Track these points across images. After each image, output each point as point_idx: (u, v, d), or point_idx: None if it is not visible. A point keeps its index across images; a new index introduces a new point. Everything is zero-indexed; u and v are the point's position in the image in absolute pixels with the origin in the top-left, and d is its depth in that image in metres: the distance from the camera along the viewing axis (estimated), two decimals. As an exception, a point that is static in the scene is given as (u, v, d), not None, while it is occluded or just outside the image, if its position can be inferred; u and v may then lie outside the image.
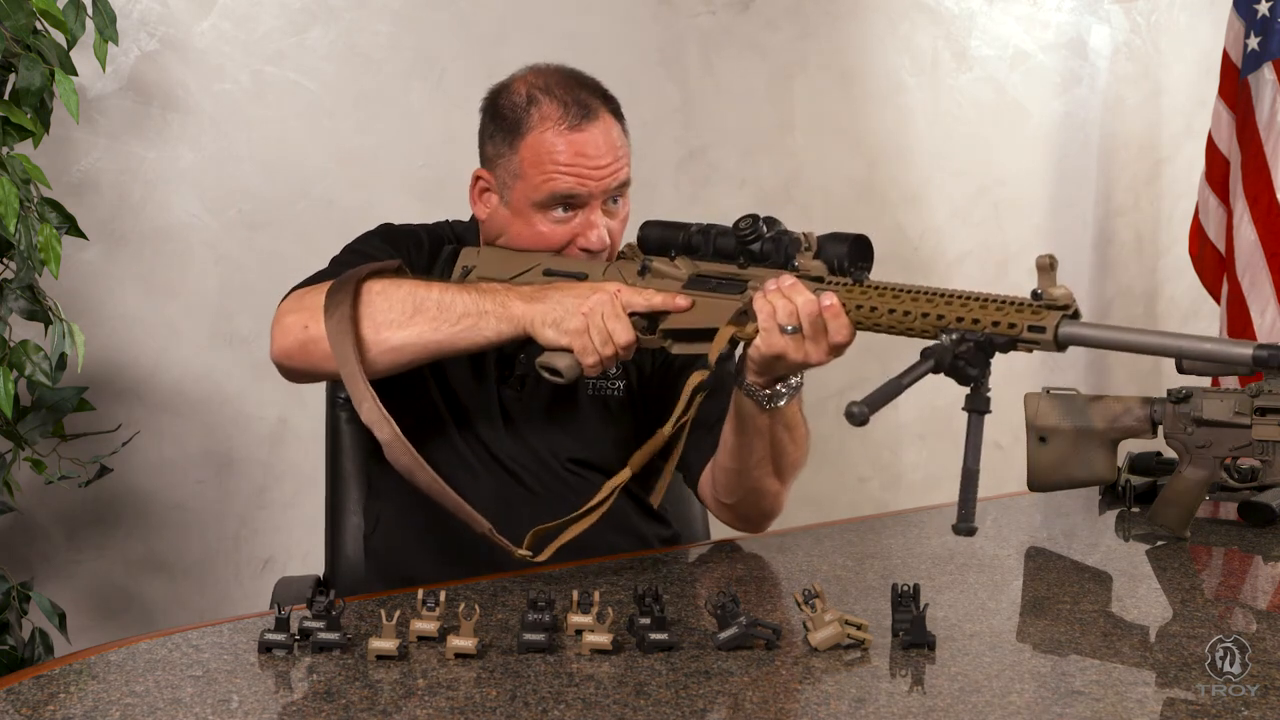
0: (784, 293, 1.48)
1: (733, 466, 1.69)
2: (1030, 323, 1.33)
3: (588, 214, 1.71)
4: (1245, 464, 1.95)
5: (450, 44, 2.78)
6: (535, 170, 1.70)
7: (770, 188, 3.29)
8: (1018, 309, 1.34)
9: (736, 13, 3.20)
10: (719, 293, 1.57)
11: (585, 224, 1.71)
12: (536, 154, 1.70)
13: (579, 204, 1.71)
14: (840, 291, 1.47)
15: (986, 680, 1.22)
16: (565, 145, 1.69)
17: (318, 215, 2.66)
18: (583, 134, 1.70)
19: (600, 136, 1.71)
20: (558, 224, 1.71)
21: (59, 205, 2.11)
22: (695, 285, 1.60)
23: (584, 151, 1.69)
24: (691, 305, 1.59)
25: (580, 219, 1.71)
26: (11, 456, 2.14)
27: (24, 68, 1.99)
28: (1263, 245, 3.47)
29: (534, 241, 1.73)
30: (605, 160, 1.70)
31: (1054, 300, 1.33)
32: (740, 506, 1.75)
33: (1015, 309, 1.34)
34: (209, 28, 2.54)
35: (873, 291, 1.45)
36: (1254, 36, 3.51)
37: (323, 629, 1.27)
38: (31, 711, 1.12)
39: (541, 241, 1.72)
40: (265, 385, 2.61)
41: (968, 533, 1.31)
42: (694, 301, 1.59)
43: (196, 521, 2.58)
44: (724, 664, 1.25)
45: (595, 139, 1.70)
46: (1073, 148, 3.87)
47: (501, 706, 1.14)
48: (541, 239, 1.72)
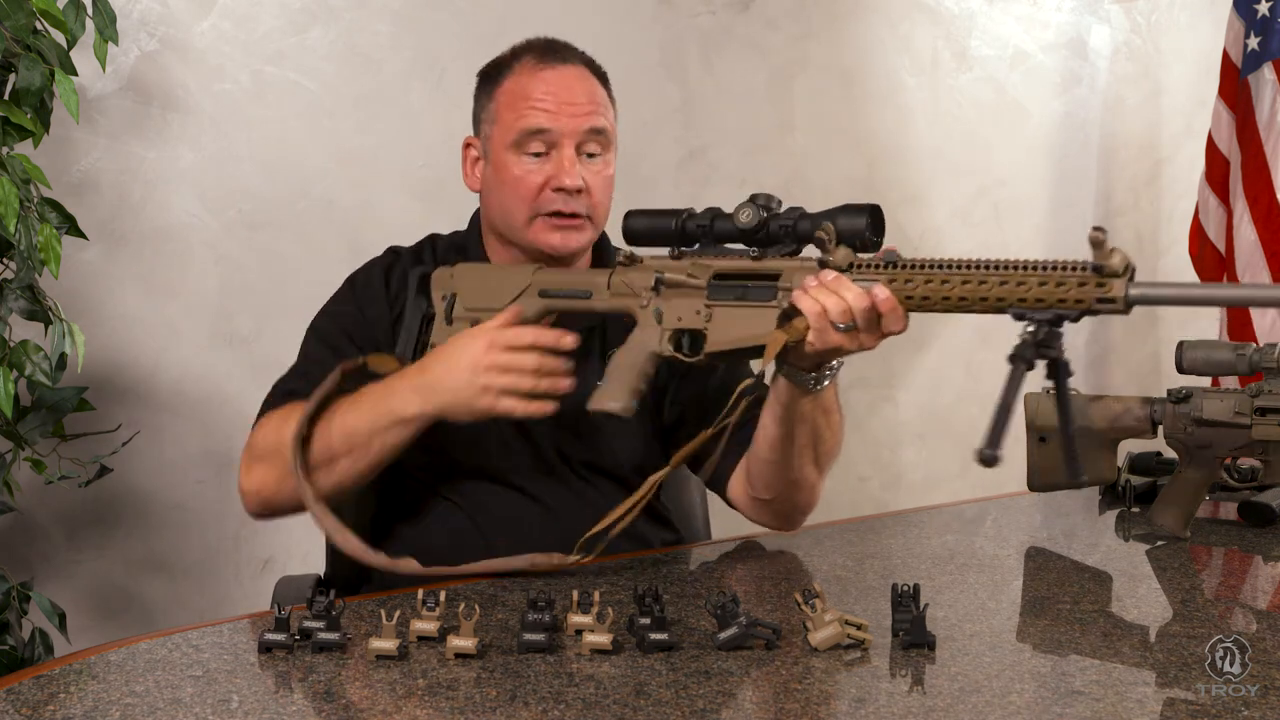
0: (831, 289, 1.44)
1: (773, 459, 1.66)
2: (1098, 295, 1.33)
3: (561, 155, 1.71)
4: (1245, 464, 1.95)
5: (450, 44, 2.78)
6: (509, 111, 1.73)
7: (770, 188, 3.24)
8: (1081, 283, 1.34)
9: (736, 13, 3.20)
10: (752, 300, 1.52)
11: (558, 164, 1.71)
12: (511, 96, 1.74)
13: (552, 141, 1.71)
14: (886, 281, 1.43)
15: (986, 680, 1.22)
16: (537, 82, 1.73)
17: (318, 215, 2.67)
18: (554, 71, 1.74)
19: (573, 78, 1.74)
20: (532, 166, 1.72)
21: (59, 205, 2.11)
22: (722, 293, 1.54)
23: (554, 87, 1.72)
24: (578, 343, 1.58)
25: (554, 160, 1.72)
26: (11, 456, 2.14)
27: (24, 68, 1.99)
28: (1263, 245, 3.47)
29: (513, 187, 1.73)
30: (578, 99, 1.73)
31: (1115, 269, 1.33)
32: (778, 501, 1.72)
33: (1079, 284, 1.34)
34: (209, 28, 2.54)
35: (919, 279, 1.42)
36: (1254, 36, 3.51)
37: (323, 629, 1.27)
38: (31, 711, 1.12)
39: (519, 187, 1.72)
40: (265, 385, 2.60)
41: (991, 460, 1.29)
42: (579, 339, 1.58)
43: (196, 521, 2.58)
44: (724, 664, 1.25)
45: (566, 77, 1.74)
46: (1073, 148, 3.87)
47: (501, 706, 1.14)
48: (518, 184, 1.72)
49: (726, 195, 3.18)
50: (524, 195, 1.73)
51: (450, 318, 1.66)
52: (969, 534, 1.88)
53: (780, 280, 1.50)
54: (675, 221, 1.57)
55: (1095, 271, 1.33)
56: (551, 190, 1.72)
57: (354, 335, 1.76)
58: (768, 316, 1.50)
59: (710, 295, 1.54)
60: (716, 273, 1.54)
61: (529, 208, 1.73)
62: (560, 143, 1.71)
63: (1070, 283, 1.34)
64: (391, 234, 2.72)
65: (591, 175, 1.73)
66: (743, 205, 1.53)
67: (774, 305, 1.50)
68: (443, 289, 1.67)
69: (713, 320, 1.54)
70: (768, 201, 1.53)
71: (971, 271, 1.40)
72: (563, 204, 1.72)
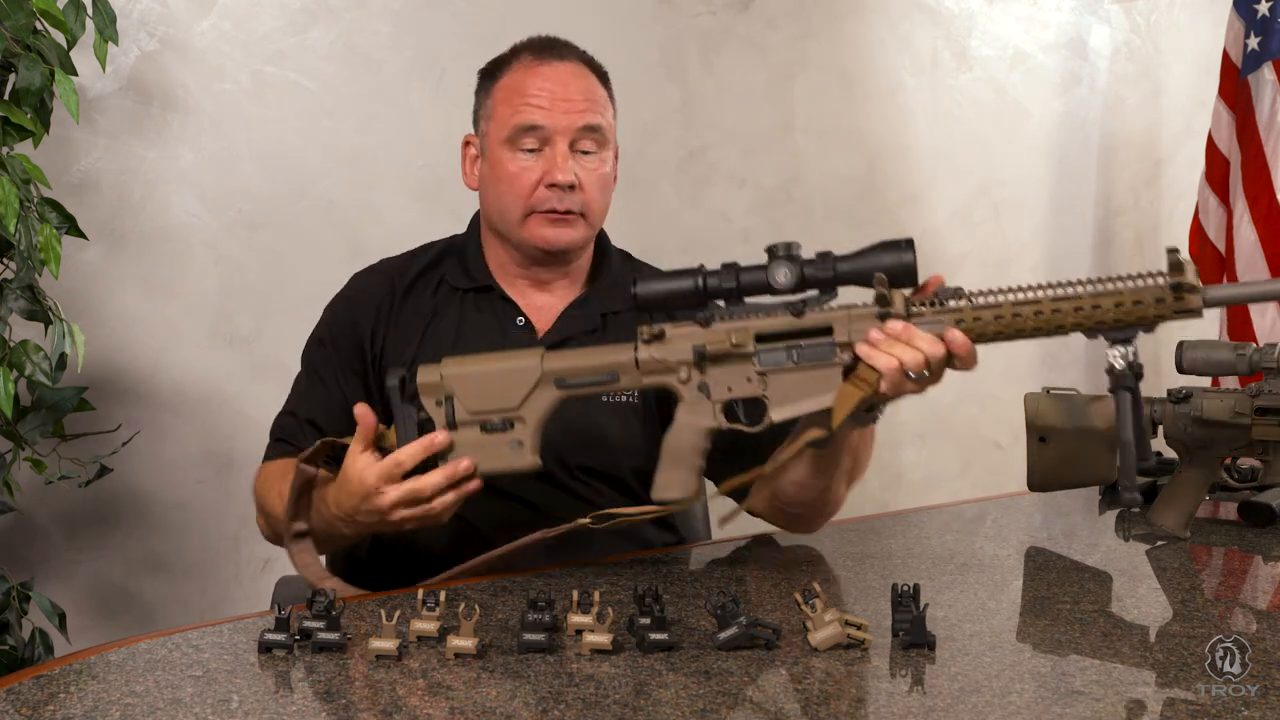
0: (903, 341, 1.41)
1: (813, 484, 1.66)
2: (1176, 309, 1.37)
3: (554, 151, 1.72)
4: (1245, 464, 1.95)
5: (450, 44, 2.78)
6: (505, 107, 1.74)
7: (770, 188, 3.29)
8: (1158, 298, 1.36)
9: (736, 13, 3.20)
10: (809, 361, 1.45)
11: (551, 160, 1.72)
12: (507, 92, 1.75)
13: (545, 138, 1.72)
14: (954, 322, 1.41)
15: (986, 680, 1.21)
16: (533, 78, 1.74)
17: (318, 215, 2.67)
18: (549, 67, 1.75)
19: (569, 75, 1.74)
20: (526, 163, 1.72)
21: (59, 205, 2.11)
22: (773, 357, 1.45)
23: (549, 84, 1.73)
24: (450, 443, 1.49)
25: (547, 156, 1.72)
26: (11, 456, 2.14)
27: (24, 68, 2.00)
28: (1263, 245, 3.46)
29: (508, 184, 1.73)
30: (573, 96, 1.73)
31: (1192, 283, 1.36)
32: (806, 513, 1.73)
33: (1156, 300, 1.37)
34: (209, 28, 2.54)
35: (988, 315, 1.41)
36: (1254, 36, 3.51)
37: (323, 629, 1.27)
38: (31, 711, 1.12)
39: (513, 184, 1.73)
40: (265, 385, 2.61)
41: (1132, 502, 1.33)
42: (453, 440, 1.49)
43: (196, 521, 2.58)
44: (724, 664, 1.25)
45: (562, 74, 1.74)
46: (1073, 148, 3.87)
47: (501, 706, 1.14)
48: (513, 180, 1.73)
49: (726, 195, 3.21)
50: (518, 191, 1.73)
51: (454, 424, 1.51)
52: (969, 534, 1.88)
53: (834, 335, 1.45)
54: (694, 282, 1.46)
55: (1173, 289, 1.36)
56: (545, 186, 1.72)
57: (336, 369, 1.79)
58: (829, 376, 1.44)
59: (760, 360, 1.46)
60: (759, 334, 1.46)
61: (523, 204, 1.73)
62: (554, 139, 1.72)
63: (1148, 300, 1.37)
64: (391, 234, 2.73)
65: (585, 172, 1.73)
66: (775, 263, 1.44)
67: (835, 364, 1.45)
68: (435, 394, 1.51)
69: (769, 386, 1.46)
70: (789, 250, 1.44)
71: (1044, 302, 1.40)
72: (556, 201, 1.72)
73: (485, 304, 1.80)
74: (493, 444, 1.50)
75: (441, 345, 1.76)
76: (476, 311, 1.80)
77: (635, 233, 2.13)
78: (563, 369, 1.51)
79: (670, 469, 1.50)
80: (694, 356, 1.47)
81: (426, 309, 1.80)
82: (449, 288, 1.82)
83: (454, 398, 1.51)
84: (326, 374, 1.79)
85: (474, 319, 1.79)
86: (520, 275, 1.81)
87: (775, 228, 3.28)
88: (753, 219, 3.25)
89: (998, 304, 1.41)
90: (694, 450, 1.49)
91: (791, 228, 3.30)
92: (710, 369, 1.47)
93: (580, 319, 1.80)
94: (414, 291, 1.81)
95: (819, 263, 1.44)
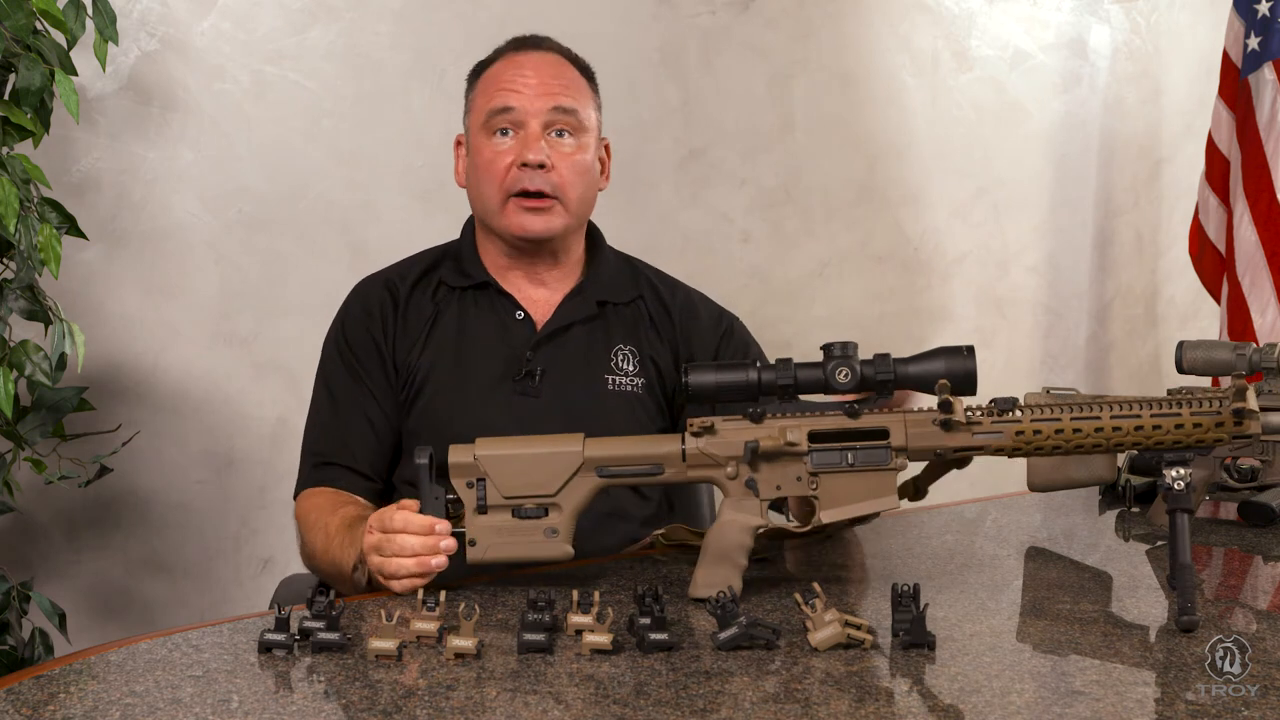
0: None
1: None
2: (1235, 433, 1.40)
3: (526, 132, 1.76)
4: (1245, 464, 1.95)
5: (450, 44, 2.78)
6: (482, 97, 1.80)
7: (770, 188, 3.29)
8: (1218, 423, 1.39)
9: (736, 13, 3.20)
10: (865, 465, 1.44)
11: (524, 141, 1.76)
12: (485, 83, 1.82)
13: (518, 120, 1.77)
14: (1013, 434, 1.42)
15: (986, 680, 1.22)
16: (508, 67, 1.80)
17: (318, 215, 2.67)
18: (525, 55, 1.81)
19: (544, 62, 1.80)
20: (501, 147, 1.77)
21: (59, 205, 2.11)
22: (827, 458, 1.44)
23: (523, 70, 1.79)
24: (455, 547, 1.46)
25: (520, 138, 1.76)
26: (11, 456, 2.14)
27: (24, 68, 1.99)
28: (1263, 245, 3.46)
29: (485, 170, 1.78)
30: (546, 79, 1.78)
31: (1253, 409, 1.39)
32: None
33: (1216, 424, 1.40)
34: (209, 28, 2.54)
35: (1048, 429, 1.41)
36: (1254, 36, 3.51)
37: (323, 629, 1.27)
38: (31, 711, 1.12)
39: (490, 170, 1.77)
40: (265, 385, 2.61)
41: (1193, 625, 1.34)
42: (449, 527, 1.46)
43: (196, 521, 2.58)
44: (724, 664, 1.25)
45: (536, 61, 1.80)
46: (1073, 148, 3.87)
47: (501, 706, 1.14)
48: (489, 166, 1.77)
49: (726, 195, 3.21)
50: (494, 176, 1.77)
51: (484, 507, 1.47)
52: (969, 534, 1.88)
53: (890, 439, 1.44)
54: (748, 375, 1.44)
55: (1235, 414, 1.38)
56: (518, 168, 1.75)
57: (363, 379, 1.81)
58: (885, 481, 1.44)
59: (814, 461, 1.44)
60: (812, 433, 1.45)
61: (500, 189, 1.77)
62: (526, 121, 1.77)
63: (1207, 424, 1.39)
64: (391, 234, 2.73)
65: (559, 155, 1.77)
66: (835, 364, 1.42)
67: (890, 469, 1.44)
68: (467, 475, 1.47)
69: (821, 487, 1.45)
70: (845, 350, 1.42)
71: (1104, 419, 1.41)
72: (528, 180, 1.75)
73: (484, 300, 1.83)
74: (525, 531, 1.47)
75: (444, 343, 1.79)
76: (475, 308, 1.82)
77: (635, 233, 2.14)
78: (605, 457, 1.47)
79: (713, 566, 1.46)
80: (745, 453, 1.44)
81: (428, 311, 1.82)
82: (447, 288, 1.84)
83: (487, 480, 1.47)
84: (355, 391, 1.81)
85: (474, 315, 1.82)
86: (514, 269, 1.84)
87: (775, 228, 3.28)
88: (753, 219, 3.25)
89: (1058, 418, 1.41)
90: (739, 548, 1.46)
91: (791, 228, 3.31)
92: (761, 466, 1.45)
93: (578, 307, 1.83)
94: (414, 295, 1.83)
95: (878, 363, 1.42)
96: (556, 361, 1.79)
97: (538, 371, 1.77)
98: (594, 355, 1.81)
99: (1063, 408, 1.42)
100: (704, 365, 1.46)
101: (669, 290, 1.91)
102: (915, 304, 3.54)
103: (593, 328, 1.83)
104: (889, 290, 3.49)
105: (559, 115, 1.77)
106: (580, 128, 1.78)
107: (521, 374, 1.77)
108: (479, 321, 1.81)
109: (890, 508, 1.46)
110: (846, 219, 3.40)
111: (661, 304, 1.88)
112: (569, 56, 1.84)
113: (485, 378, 1.78)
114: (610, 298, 1.85)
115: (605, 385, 1.80)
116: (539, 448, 1.48)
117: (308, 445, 1.84)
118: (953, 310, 3.62)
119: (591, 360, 1.81)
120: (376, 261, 1.93)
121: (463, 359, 1.79)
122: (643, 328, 1.86)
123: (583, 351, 1.81)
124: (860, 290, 3.44)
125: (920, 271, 3.53)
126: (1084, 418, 1.41)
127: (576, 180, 1.78)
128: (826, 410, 1.45)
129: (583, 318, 1.82)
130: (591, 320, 1.83)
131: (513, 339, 1.80)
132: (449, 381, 1.78)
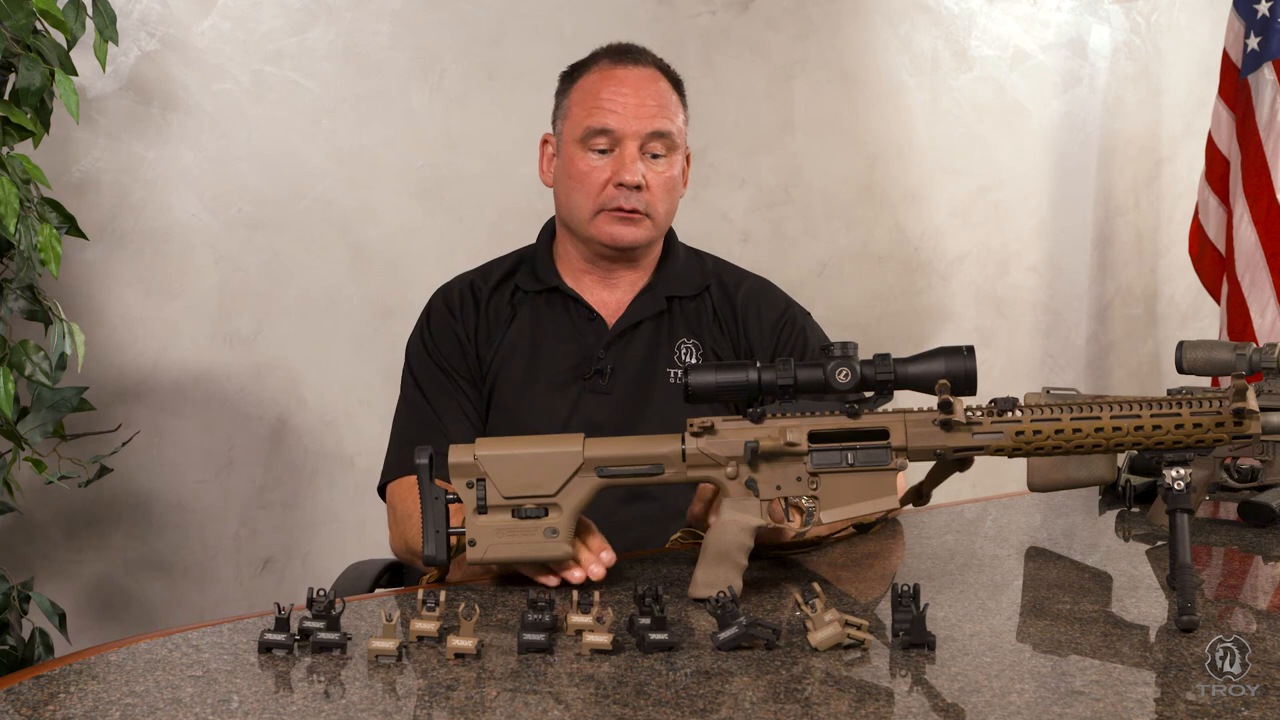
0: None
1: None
2: (1235, 433, 1.40)
3: (624, 152, 1.81)
4: (1245, 464, 1.95)
5: (450, 44, 2.78)
6: (579, 108, 1.84)
7: (770, 188, 3.29)
8: (1218, 423, 1.40)
9: (736, 13, 3.20)
10: (865, 465, 1.44)
11: (620, 161, 1.81)
12: (583, 93, 1.84)
13: (616, 140, 1.81)
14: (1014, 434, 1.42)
15: (986, 680, 1.22)
16: (607, 82, 1.83)
17: (318, 215, 2.67)
18: (623, 70, 1.84)
19: (642, 80, 1.83)
20: (598, 163, 1.82)
21: (59, 205, 2.11)
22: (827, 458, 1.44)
23: (623, 88, 1.82)
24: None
25: (617, 157, 1.81)
26: (11, 456, 2.14)
27: (24, 68, 2.00)
28: (1263, 245, 3.47)
29: (579, 181, 1.83)
30: (645, 101, 1.82)
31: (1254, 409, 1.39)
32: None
33: (1216, 424, 1.40)
34: (209, 28, 2.54)
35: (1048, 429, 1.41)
36: (1254, 36, 3.51)
37: (323, 629, 1.27)
38: (31, 711, 1.12)
39: (584, 182, 1.83)
40: (265, 385, 2.61)
41: (1193, 625, 1.34)
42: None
43: (196, 521, 2.58)
44: (724, 664, 1.25)
45: (635, 79, 1.83)
46: (1073, 148, 3.87)
47: (501, 706, 1.14)
48: (584, 178, 1.83)
49: (726, 195, 3.20)
50: (589, 190, 1.83)
51: (484, 507, 1.47)
52: (969, 534, 1.88)
53: (890, 439, 1.44)
54: (747, 375, 1.44)
55: (1235, 414, 1.38)
56: (614, 186, 1.81)
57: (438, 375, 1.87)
58: (884, 481, 1.45)
59: (814, 460, 1.45)
60: (813, 433, 1.45)
61: (594, 202, 1.83)
62: (624, 141, 1.81)
63: (1208, 424, 1.39)
64: (391, 233, 2.73)
65: (653, 175, 1.83)
66: (835, 364, 1.42)
67: (890, 469, 1.45)
68: (467, 475, 1.46)
69: (821, 487, 1.45)
70: (846, 350, 1.42)
71: (1104, 419, 1.41)
72: (623, 199, 1.81)
73: (556, 302, 1.91)
74: (525, 530, 1.47)
75: (519, 344, 1.88)
76: (548, 309, 1.91)
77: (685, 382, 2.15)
78: (605, 457, 1.47)
79: (713, 566, 1.45)
80: (745, 453, 1.44)
81: (506, 313, 1.91)
82: (522, 292, 1.92)
83: (487, 480, 1.46)
84: (445, 383, 1.87)
85: (546, 315, 1.90)
86: (588, 272, 1.91)
87: (775, 228, 3.28)
88: (753, 219, 3.25)
89: (1057, 418, 1.41)
90: (739, 548, 1.46)
91: (791, 228, 3.31)
92: (761, 466, 1.46)
93: (647, 304, 1.90)
94: (494, 297, 1.91)
95: (878, 364, 1.42)
96: (625, 358, 1.87)
97: (608, 369, 1.85)
98: (659, 350, 1.89)
99: (1063, 408, 1.42)
100: (704, 366, 1.46)
101: (734, 282, 1.96)
102: (915, 304, 3.54)
103: (659, 323, 1.90)
104: (889, 290, 3.49)
105: (655, 138, 1.83)
106: (673, 147, 1.85)
107: (592, 372, 1.85)
108: (552, 323, 1.89)
109: (890, 508, 1.46)
110: (846, 219, 3.40)
111: (726, 296, 1.94)
112: (664, 70, 1.89)
113: (557, 376, 1.86)
114: (677, 292, 1.92)
115: (668, 379, 1.87)
116: (538, 448, 1.48)
117: (398, 431, 1.89)
118: (953, 310, 3.62)
119: (656, 355, 1.88)
120: (376, 261, 1.94)
121: (536, 359, 1.87)
122: (706, 320, 1.92)
123: (649, 347, 1.89)
124: (860, 290, 3.44)
125: (920, 271, 3.53)
126: (1084, 418, 1.41)
127: (666, 196, 1.86)
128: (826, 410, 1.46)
129: (651, 314, 1.89)
130: (659, 316, 1.90)
131: (585, 339, 1.88)
132: (521, 380, 1.86)
